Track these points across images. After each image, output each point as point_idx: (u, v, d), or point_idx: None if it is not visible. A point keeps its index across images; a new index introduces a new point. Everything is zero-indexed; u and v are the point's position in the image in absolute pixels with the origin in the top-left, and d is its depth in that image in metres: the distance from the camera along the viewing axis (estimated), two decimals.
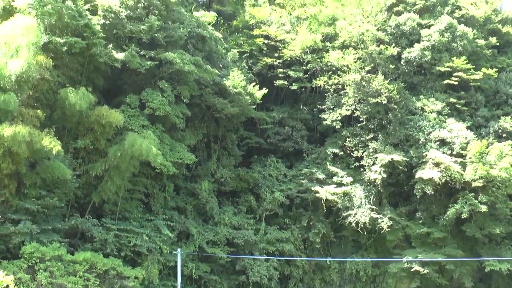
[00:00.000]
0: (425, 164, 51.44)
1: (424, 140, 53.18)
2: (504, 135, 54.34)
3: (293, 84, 58.17)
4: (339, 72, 56.20)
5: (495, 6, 63.87)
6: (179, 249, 44.51)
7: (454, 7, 60.26)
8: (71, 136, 41.03)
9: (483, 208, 49.22)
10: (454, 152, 52.13)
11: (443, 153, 51.86)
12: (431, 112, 54.68)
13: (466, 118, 55.54)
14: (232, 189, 53.76)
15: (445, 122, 54.17)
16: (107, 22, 44.31)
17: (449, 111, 55.19)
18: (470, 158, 50.86)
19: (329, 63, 57.20)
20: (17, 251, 36.22)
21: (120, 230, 42.01)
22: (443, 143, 52.93)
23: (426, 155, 51.86)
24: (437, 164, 50.66)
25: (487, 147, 51.39)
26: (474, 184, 49.98)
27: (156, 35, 45.58)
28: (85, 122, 40.59)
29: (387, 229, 51.68)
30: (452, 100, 55.68)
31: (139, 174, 44.66)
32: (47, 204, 37.69)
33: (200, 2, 63.08)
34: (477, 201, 49.60)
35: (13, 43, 35.60)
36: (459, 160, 51.28)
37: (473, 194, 50.19)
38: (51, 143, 35.75)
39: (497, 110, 57.23)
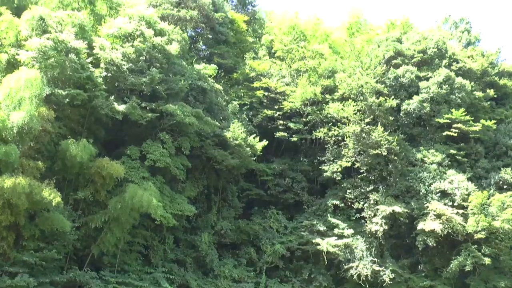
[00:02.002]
0: (427, 215, 51.20)
1: (425, 192, 53.09)
2: (505, 187, 54.33)
3: (293, 135, 58.46)
4: (339, 123, 56.57)
5: (492, 59, 64.89)
6: None
7: (452, 60, 61.12)
8: (71, 188, 40.90)
9: (487, 260, 48.77)
10: (455, 204, 51.98)
11: (444, 204, 51.70)
12: (431, 164, 54.77)
13: (466, 169, 55.61)
14: (232, 241, 53.28)
15: (446, 173, 54.19)
16: (109, 74, 44.87)
17: (449, 163, 55.31)
18: (471, 209, 50.66)
19: (329, 115, 57.63)
20: None
21: (118, 283, 41.33)
22: (444, 194, 52.83)
23: (427, 206, 51.67)
24: (438, 216, 50.40)
25: (488, 199, 51.24)
26: (476, 236, 49.61)
27: (157, 87, 46.04)
28: (86, 174, 40.55)
29: (389, 282, 50.95)
30: (452, 151, 55.85)
31: (139, 226, 44.31)
32: (45, 257, 37.20)
33: (201, 55, 63.97)
34: (480, 254, 49.21)
35: (17, 95, 35.88)
36: (460, 211, 51.07)
37: (476, 246, 49.81)
38: (51, 195, 35.58)
39: (497, 161, 57.38)
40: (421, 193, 53.23)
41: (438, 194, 52.76)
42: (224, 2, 66.79)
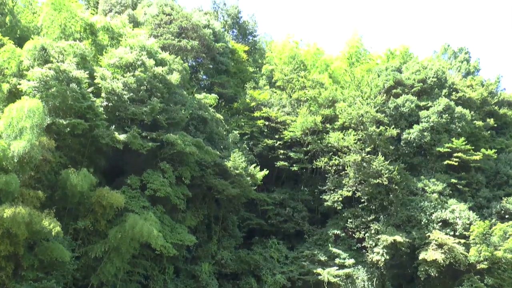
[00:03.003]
0: (428, 245, 50.89)
1: (426, 221, 52.86)
2: (507, 216, 54.11)
3: (294, 165, 58.48)
4: (339, 153, 56.60)
5: (491, 89, 65.22)
6: None
7: (451, 90, 61.41)
8: (71, 217, 40.63)
9: None
10: (457, 233, 51.72)
11: (446, 234, 51.42)
12: (432, 193, 54.64)
13: (467, 198, 55.48)
14: (232, 271, 52.84)
15: (447, 202, 54.05)
16: (110, 104, 44.99)
17: (451, 192, 55.19)
18: (473, 239, 50.40)
19: (329, 144, 57.73)
20: None
21: None
22: (445, 224, 52.58)
23: (429, 236, 51.41)
24: (440, 245, 50.09)
25: (490, 228, 50.98)
26: (479, 266, 49.27)
27: (158, 117, 46.15)
28: (86, 203, 40.38)
29: None
30: (453, 180, 55.76)
31: (139, 255, 43.99)
32: (45, 287, 36.78)
33: (202, 85, 64.32)
34: (483, 284, 48.85)
35: (18, 125, 35.91)
36: (462, 241, 50.76)
37: (478, 276, 49.44)
38: (50, 224, 35.36)
39: (498, 190, 57.26)
40: (422, 223, 52.98)
41: (440, 224, 52.51)
42: (225, 32, 67.55)
